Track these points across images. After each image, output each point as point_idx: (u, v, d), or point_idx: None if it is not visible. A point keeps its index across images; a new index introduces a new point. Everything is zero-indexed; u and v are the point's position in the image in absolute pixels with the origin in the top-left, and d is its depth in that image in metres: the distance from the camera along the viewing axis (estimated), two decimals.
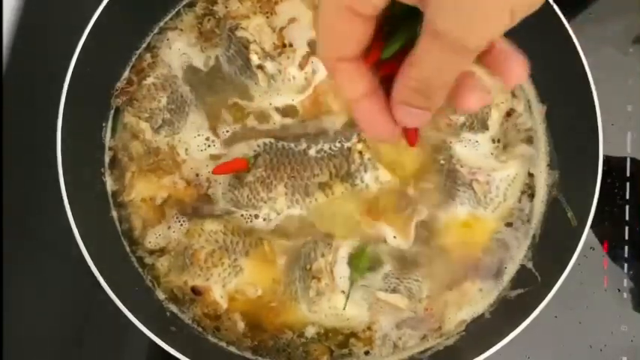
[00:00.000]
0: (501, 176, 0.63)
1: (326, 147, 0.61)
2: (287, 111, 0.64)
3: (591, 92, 0.58)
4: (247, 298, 0.60)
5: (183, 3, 0.66)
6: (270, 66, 0.62)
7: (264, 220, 0.61)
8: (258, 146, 0.62)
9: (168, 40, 0.65)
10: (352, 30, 0.29)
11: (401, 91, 0.30)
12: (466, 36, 0.26)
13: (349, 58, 0.30)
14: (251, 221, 0.61)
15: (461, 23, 0.26)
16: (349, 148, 0.61)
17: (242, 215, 0.61)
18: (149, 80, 0.64)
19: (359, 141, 0.61)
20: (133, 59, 0.64)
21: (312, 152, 0.61)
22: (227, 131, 0.63)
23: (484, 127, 0.64)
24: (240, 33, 0.62)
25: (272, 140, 0.62)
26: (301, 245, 0.60)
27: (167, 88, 0.63)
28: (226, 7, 0.66)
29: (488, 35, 0.27)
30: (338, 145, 0.61)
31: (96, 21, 0.58)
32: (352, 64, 0.30)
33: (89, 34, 0.57)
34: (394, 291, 0.60)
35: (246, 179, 0.61)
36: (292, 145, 0.61)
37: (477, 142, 0.64)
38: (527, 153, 0.65)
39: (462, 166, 0.63)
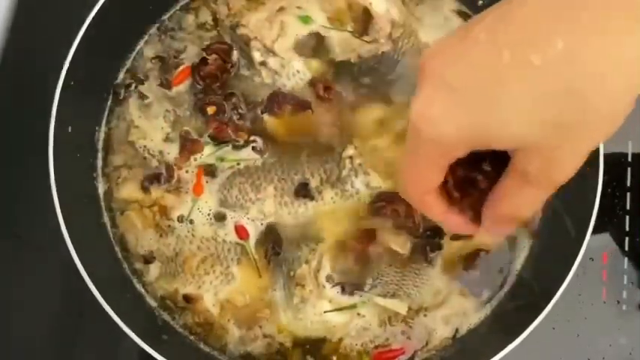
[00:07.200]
0: None
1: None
2: None
3: None
4: (237, 306, 0.59)
5: (181, 3, 0.65)
6: (272, 61, 0.61)
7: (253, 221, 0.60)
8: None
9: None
10: (438, 174, 0.36)
11: (490, 218, 0.38)
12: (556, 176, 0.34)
13: (433, 190, 0.38)
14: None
15: (552, 166, 0.33)
16: (340, 154, 0.60)
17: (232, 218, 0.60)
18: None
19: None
20: (128, 62, 0.64)
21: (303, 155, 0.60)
22: None
23: None
24: (240, 30, 0.62)
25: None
26: (285, 250, 0.59)
27: None
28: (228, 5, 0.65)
29: (572, 173, 0.34)
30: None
31: (90, 22, 0.57)
32: (435, 193, 0.38)
33: (83, 36, 0.57)
34: (394, 296, 0.59)
35: (235, 180, 0.60)
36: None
37: None
38: None
39: None
